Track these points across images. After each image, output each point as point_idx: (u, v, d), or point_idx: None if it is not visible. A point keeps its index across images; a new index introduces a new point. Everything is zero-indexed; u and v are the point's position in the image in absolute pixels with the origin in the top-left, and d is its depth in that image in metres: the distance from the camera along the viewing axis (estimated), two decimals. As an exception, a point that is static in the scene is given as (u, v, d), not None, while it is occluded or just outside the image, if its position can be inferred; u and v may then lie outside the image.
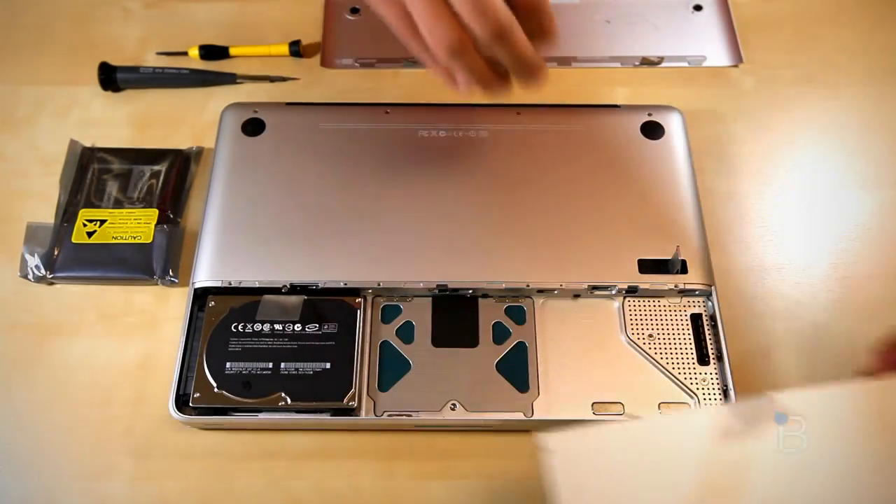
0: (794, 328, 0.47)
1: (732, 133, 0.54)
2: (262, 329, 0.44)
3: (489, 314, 0.45)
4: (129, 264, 0.47)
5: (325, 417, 0.42)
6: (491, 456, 0.43)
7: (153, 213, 0.49)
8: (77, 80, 0.56)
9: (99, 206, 0.50)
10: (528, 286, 0.45)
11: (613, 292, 0.46)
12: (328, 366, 0.42)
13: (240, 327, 0.44)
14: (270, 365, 0.42)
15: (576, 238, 0.46)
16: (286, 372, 0.42)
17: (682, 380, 0.43)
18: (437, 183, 0.48)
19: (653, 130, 0.51)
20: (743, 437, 0.32)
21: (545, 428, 0.43)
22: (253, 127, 0.51)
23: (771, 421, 0.32)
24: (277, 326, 0.44)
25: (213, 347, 0.43)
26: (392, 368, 0.44)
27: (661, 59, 0.58)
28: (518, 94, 0.56)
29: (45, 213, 0.50)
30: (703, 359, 0.44)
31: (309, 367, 0.42)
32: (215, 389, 0.42)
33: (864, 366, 0.36)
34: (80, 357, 0.46)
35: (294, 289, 0.45)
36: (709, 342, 0.45)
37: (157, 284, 0.48)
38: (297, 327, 0.44)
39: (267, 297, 0.44)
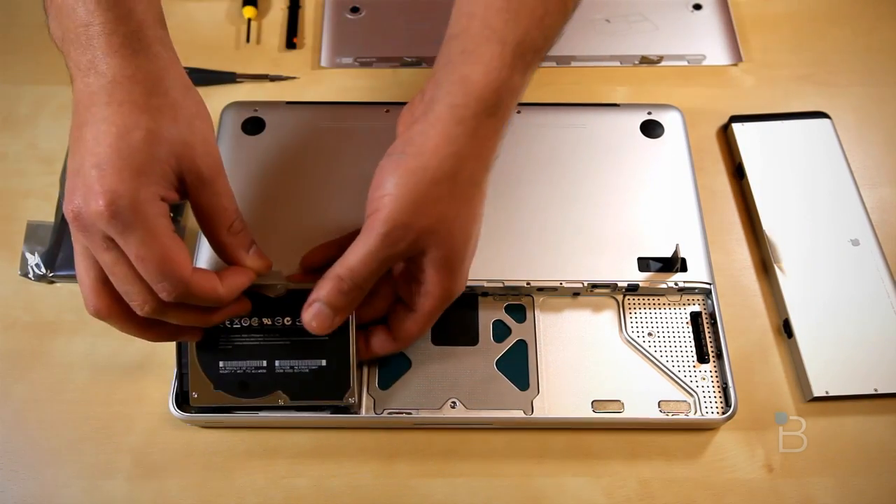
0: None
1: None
2: (251, 324, 0.42)
3: (489, 312, 0.45)
4: (130, 263, 0.47)
5: (325, 416, 0.42)
6: (491, 454, 0.43)
7: (153, 212, 0.49)
8: (77, 80, 0.56)
9: (99, 205, 0.50)
10: (528, 284, 0.45)
11: (613, 290, 0.46)
12: (323, 363, 0.42)
13: (228, 323, 0.42)
14: (265, 363, 0.41)
15: (575, 236, 0.46)
16: (281, 370, 0.41)
17: (682, 378, 0.43)
18: (437, 181, 0.48)
19: (652, 129, 0.51)
20: None
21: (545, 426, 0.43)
22: (253, 126, 0.51)
23: None
24: (267, 321, 0.42)
25: (205, 345, 0.41)
26: (392, 366, 0.44)
27: (661, 58, 0.58)
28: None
29: (46, 212, 0.50)
30: (702, 357, 0.44)
31: (304, 364, 0.42)
32: (213, 389, 0.41)
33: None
34: (80, 356, 0.46)
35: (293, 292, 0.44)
36: (708, 340, 0.45)
37: (157, 283, 0.48)
38: (288, 321, 0.42)
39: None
